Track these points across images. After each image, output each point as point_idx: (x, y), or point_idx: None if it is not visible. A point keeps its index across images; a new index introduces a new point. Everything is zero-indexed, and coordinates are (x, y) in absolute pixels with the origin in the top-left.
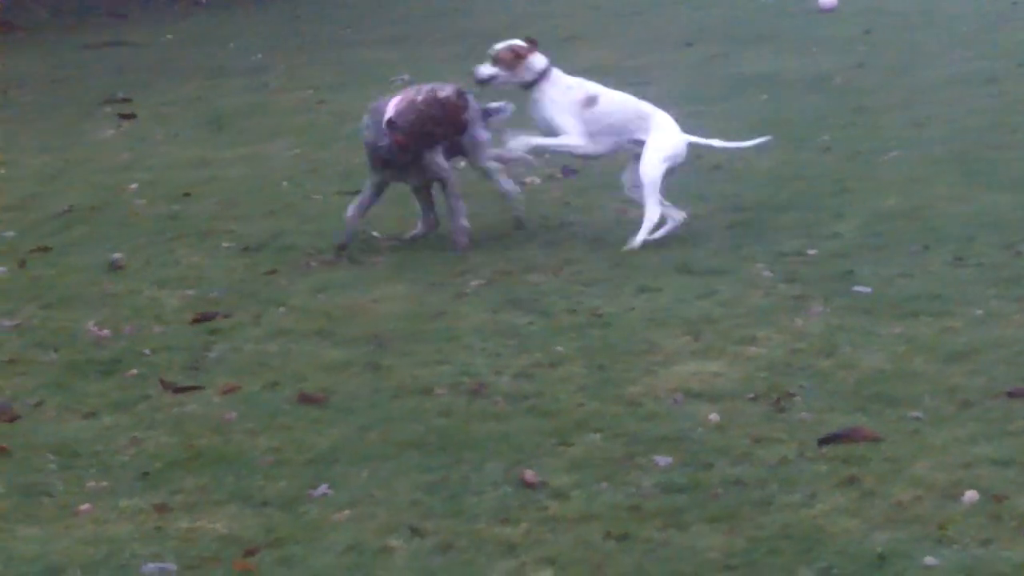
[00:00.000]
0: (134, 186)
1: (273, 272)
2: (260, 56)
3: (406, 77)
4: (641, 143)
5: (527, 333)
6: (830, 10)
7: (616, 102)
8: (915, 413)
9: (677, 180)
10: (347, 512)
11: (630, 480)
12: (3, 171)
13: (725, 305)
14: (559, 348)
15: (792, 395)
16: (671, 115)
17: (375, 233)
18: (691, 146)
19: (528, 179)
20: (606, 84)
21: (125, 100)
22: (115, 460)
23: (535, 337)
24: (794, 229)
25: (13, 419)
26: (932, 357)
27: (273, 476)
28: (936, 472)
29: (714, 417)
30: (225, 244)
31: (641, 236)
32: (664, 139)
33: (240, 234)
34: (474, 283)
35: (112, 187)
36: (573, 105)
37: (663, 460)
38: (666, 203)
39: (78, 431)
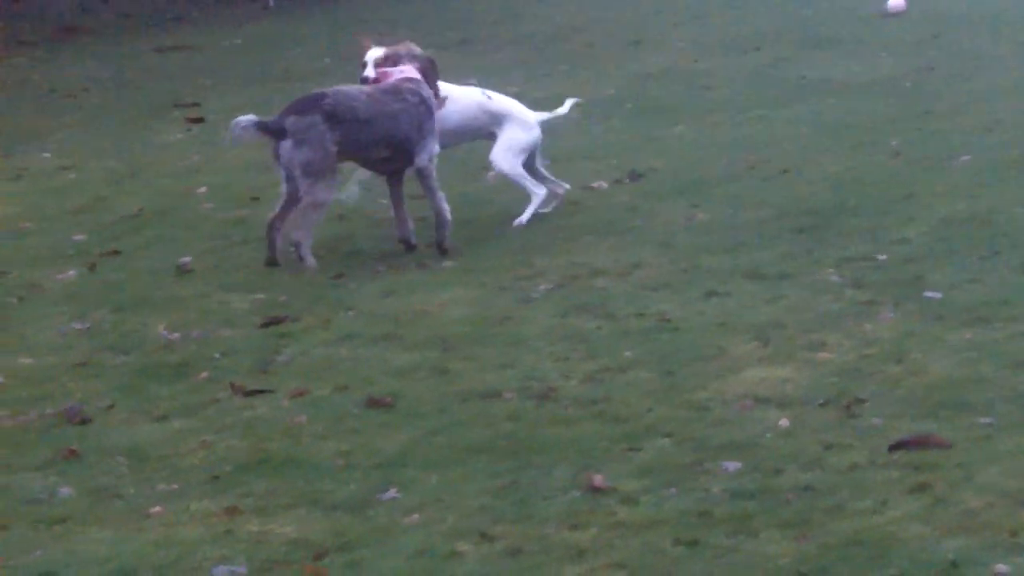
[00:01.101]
0: (203, 190)
1: (341, 276)
2: (328, 60)
3: (473, 81)
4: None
5: (595, 338)
6: (898, 13)
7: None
8: (986, 419)
9: (741, 184)
10: (416, 516)
11: (699, 486)
12: (73, 175)
13: (794, 310)
14: (627, 353)
15: (862, 401)
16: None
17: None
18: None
19: (595, 184)
20: (672, 89)
21: (193, 104)
22: (185, 463)
23: (603, 342)
24: (863, 234)
25: (84, 422)
26: (1002, 363)
27: (342, 480)
28: (1007, 479)
29: (784, 423)
30: (293, 248)
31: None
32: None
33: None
34: (541, 287)
35: (181, 191)
36: None
37: (732, 465)
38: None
39: (149, 434)
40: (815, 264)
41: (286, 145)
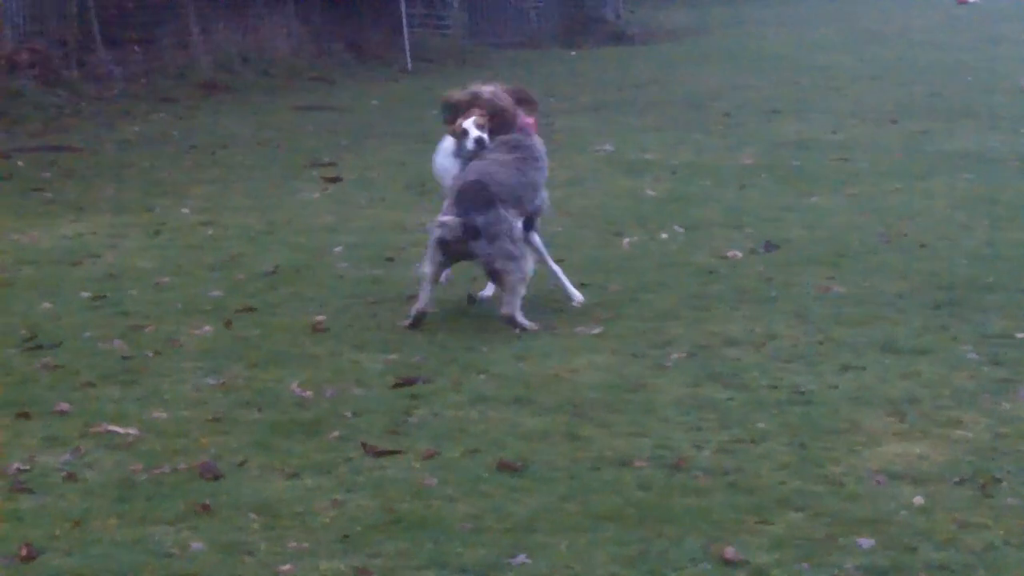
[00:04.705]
0: (338, 249)
1: (472, 340)
2: None
3: (608, 147)
4: None
5: (727, 408)
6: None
7: None
8: None
9: (877, 257)
10: None
11: (831, 561)
12: (210, 231)
13: (929, 386)
14: (760, 424)
15: (998, 480)
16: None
17: (575, 304)
18: None
19: (730, 253)
20: (808, 159)
21: (330, 164)
22: (316, 521)
23: (735, 412)
24: (1000, 310)
25: (217, 477)
26: None
27: (472, 543)
28: None
29: (918, 500)
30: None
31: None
32: None
33: (442, 299)
34: (674, 356)
35: (316, 249)
36: None
37: (865, 542)
38: None
39: (280, 491)
40: (951, 340)
41: (480, 244)
